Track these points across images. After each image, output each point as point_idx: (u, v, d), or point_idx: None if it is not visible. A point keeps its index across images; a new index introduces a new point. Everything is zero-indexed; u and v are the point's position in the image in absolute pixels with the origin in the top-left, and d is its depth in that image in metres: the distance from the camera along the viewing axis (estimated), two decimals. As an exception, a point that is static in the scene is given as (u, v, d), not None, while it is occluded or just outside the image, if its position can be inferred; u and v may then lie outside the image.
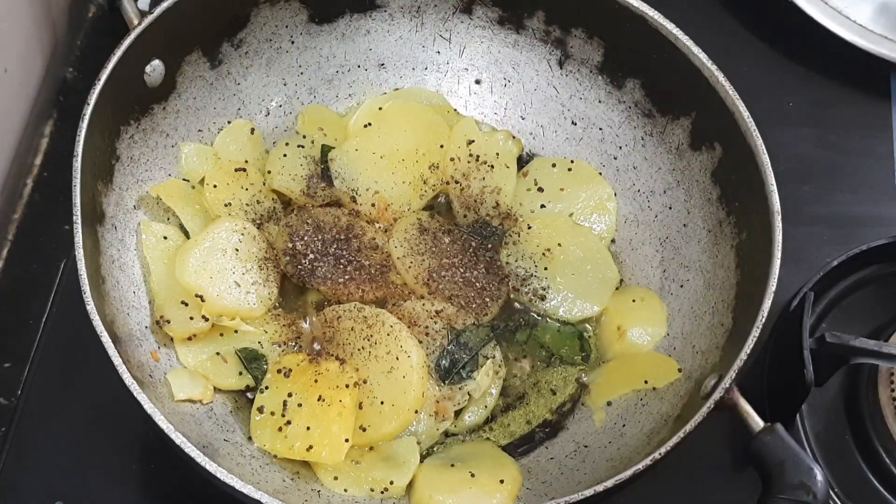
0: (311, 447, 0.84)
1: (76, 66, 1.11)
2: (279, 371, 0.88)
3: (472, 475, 0.86)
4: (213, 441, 0.85)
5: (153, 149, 0.96)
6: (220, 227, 0.93)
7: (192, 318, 0.89)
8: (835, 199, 1.09)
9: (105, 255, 0.89)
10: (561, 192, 1.01)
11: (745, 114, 0.90)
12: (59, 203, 1.02)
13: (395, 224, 0.98)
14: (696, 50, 0.93)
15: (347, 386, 0.87)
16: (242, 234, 0.94)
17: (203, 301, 0.89)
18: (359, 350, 0.90)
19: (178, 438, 0.77)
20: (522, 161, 1.04)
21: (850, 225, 1.07)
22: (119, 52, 0.88)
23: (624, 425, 0.90)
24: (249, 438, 0.87)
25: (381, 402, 0.88)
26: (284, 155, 1.00)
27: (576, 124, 1.05)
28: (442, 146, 1.01)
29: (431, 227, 0.98)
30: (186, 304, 0.90)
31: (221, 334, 0.91)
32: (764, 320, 0.82)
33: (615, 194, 1.02)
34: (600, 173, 1.02)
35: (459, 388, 0.91)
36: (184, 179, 0.98)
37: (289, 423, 0.85)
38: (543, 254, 0.97)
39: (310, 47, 1.04)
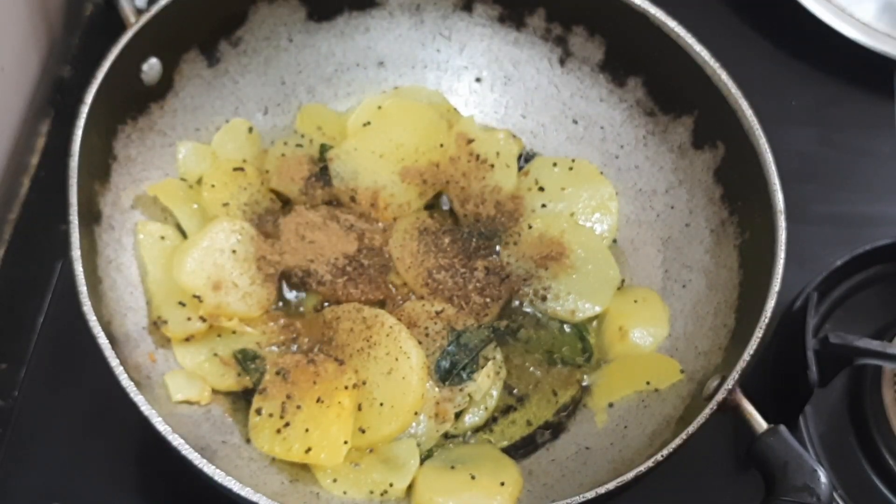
0: (309, 449, 0.84)
1: (73, 65, 1.11)
2: (277, 372, 0.87)
3: (473, 477, 0.85)
4: (211, 443, 0.85)
5: (150, 148, 0.96)
6: (218, 227, 0.93)
7: (189, 319, 0.89)
8: (839, 199, 1.08)
9: (102, 255, 0.89)
10: (562, 191, 1.00)
11: (748, 112, 0.90)
12: (56, 202, 1.01)
13: (395, 224, 0.97)
14: (698, 48, 0.92)
15: (346, 387, 0.87)
16: (240, 234, 0.93)
17: (201, 301, 0.89)
18: (358, 351, 0.89)
19: (176, 440, 0.76)
20: (523, 160, 1.03)
21: (855, 224, 1.06)
22: (116, 51, 0.88)
23: (626, 427, 0.89)
24: (248, 440, 0.87)
25: (381, 404, 0.87)
26: (283, 154, 0.99)
27: (577, 123, 1.04)
28: (442, 145, 1.00)
29: (431, 227, 0.98)
30: (184, 305, 0.89)
31: (219, 335, 0.90)
32: (767, 321, 0.81)
33: (617, 194, 1.01)
34: (602, 172, 1.02)
35: (460, 390, 0.90)
36: (181, 179, 0.97)
37: (287, 424, 0.85)
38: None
39: (308, 45, 1.03)
